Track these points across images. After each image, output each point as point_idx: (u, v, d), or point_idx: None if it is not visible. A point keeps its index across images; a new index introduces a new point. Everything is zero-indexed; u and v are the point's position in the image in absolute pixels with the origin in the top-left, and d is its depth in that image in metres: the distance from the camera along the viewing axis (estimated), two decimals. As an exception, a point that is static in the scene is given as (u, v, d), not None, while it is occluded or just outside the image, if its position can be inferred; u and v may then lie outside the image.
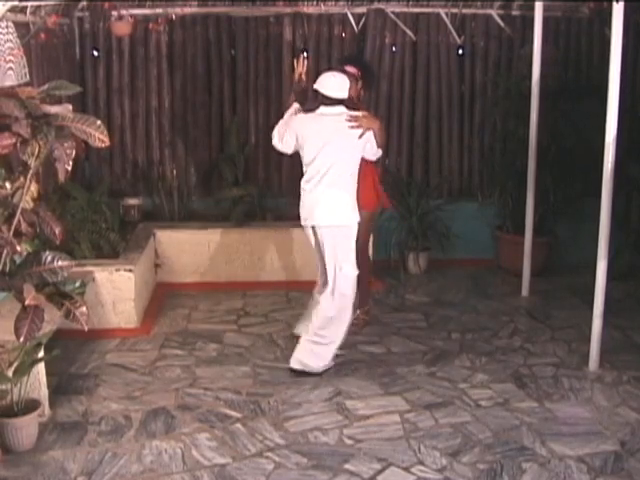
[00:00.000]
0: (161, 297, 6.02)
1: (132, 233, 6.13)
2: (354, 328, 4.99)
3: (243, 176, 6.76)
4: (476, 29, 6.90)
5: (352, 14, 6.74)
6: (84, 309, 3.18)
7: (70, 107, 3.18)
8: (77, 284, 4.21)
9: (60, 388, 4.37)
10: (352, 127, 4.51)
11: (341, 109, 4.56)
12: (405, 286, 6.37)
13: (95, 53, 6.70)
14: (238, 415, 4.12)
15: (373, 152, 4.68)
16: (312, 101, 4.80)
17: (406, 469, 3.59)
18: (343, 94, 4.57)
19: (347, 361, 4.82)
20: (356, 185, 4.64)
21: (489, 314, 5.72)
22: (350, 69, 5.01)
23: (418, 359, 4.89)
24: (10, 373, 3.67)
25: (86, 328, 3.20)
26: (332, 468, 3.59)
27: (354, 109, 4.64)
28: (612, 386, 4.49)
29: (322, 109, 4.59)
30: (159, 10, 6.60)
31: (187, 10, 6.64)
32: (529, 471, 3.58)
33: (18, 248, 3.14)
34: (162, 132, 6.88)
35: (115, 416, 4.08)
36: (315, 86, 4.62)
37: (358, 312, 5.24)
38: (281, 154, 4.94)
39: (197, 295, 6.04)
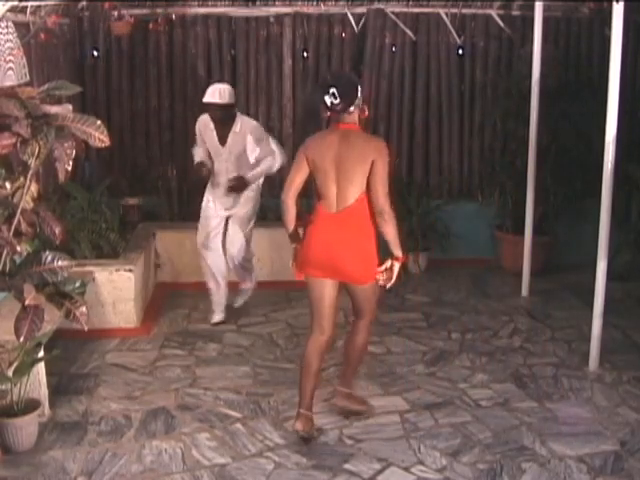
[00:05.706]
0: (161, 297, 6.02)
1: (132, 233, 6.13)
2: None
3: (243, 176, 6.75)
4: (476, 29, 6.90)
5: (352, 14, 6.74)
6: (84, 309, 3.17)
7: (70, 107, 3.17)
8: (77, 284, 4.17)
9: (60, 388, 4.37)
10: None
11: None
12: (405, 286, 6.35)
13: (95, 53, 6.71)
14: (238, 415, 4.12)
15: None
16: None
17: (406, 469, 3.60)
18: None
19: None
20: None
21: (489, 314, 5.72)
22: None
23: (418, 359, 4.89)
24: (10, 373, 3.67)
25: (86, 328, 3.19)
26: (332, 468, 3.60)
27: None
28: (612, 386, 4.49)
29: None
30: (159, 10, 6.60)
31: (187, 10, 6.64)
32: (529, 471, 3.58)
33: (18, 248, 3.13)
34: (162, 132, 6.88)
35: (115, 416, 4.08)
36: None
37: None
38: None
39: (197, 295, 6.03)
